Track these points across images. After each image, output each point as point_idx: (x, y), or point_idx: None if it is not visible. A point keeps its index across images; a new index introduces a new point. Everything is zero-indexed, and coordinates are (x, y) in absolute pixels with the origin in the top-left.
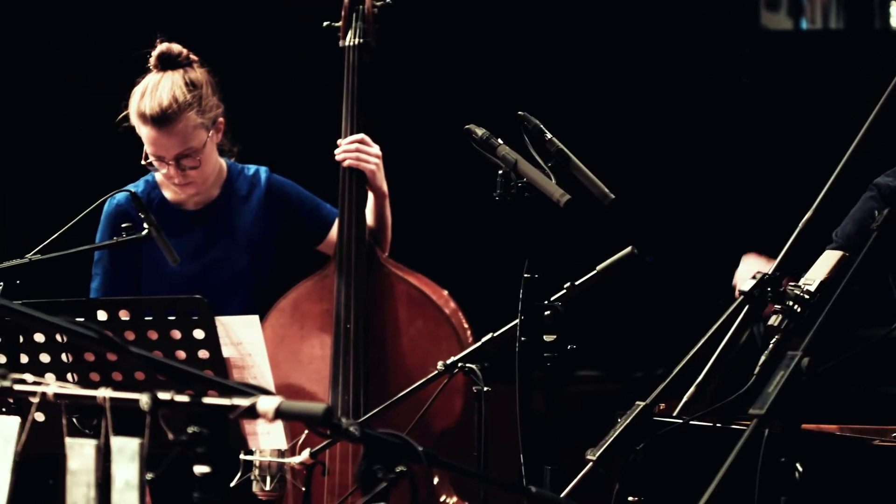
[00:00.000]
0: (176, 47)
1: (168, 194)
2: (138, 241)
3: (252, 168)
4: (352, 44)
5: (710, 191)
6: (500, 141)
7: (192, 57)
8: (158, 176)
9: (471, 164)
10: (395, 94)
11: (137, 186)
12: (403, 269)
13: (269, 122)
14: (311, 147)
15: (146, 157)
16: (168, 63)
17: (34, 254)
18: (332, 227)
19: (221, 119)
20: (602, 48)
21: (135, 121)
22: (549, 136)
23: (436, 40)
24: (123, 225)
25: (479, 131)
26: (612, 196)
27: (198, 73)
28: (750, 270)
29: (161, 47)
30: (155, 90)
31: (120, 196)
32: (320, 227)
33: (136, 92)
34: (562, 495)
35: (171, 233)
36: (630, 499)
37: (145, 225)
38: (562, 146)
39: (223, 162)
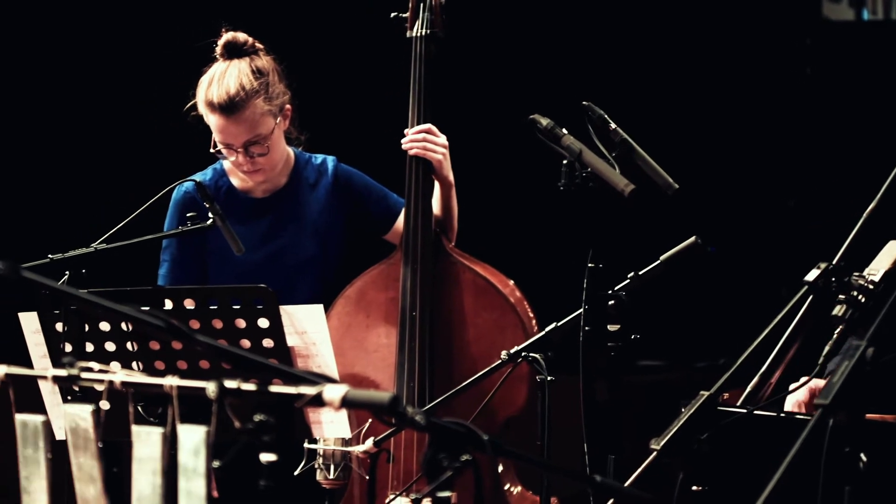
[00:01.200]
0: (242, 36)
1: (236, 182)
2: (203, 230)
3: (320, 157)
4: (419, 34)
5: (773, 181)
6: (564, 131)
7: (258, 45)
8: (226, 164)
9: (535, 154)
10: (461, 84)
11: (206, 174)
12: (470, 258)
13: (338, 113)
14: (379, 137)
15: (214, 145)
16: (234, 51)
17: (100, 243)
18: (398, 217)
19: (289, 106)
20: (665, 38)
21: (203, 109)
22: (613, 125)
23: (500, 29)
24: (188, 214)
25: (544, 121)
26: (676, 186)
27: (264, 61)
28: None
29: (227, 36)
30: (222, 78)
31: (189, 184)
32: (387, 217)
33: (204, 81)
34: (625, 484)
35: (238, 220)
36: (694, 488)
37: (210, 214)
38: (626, 136)
39: (291, 151)
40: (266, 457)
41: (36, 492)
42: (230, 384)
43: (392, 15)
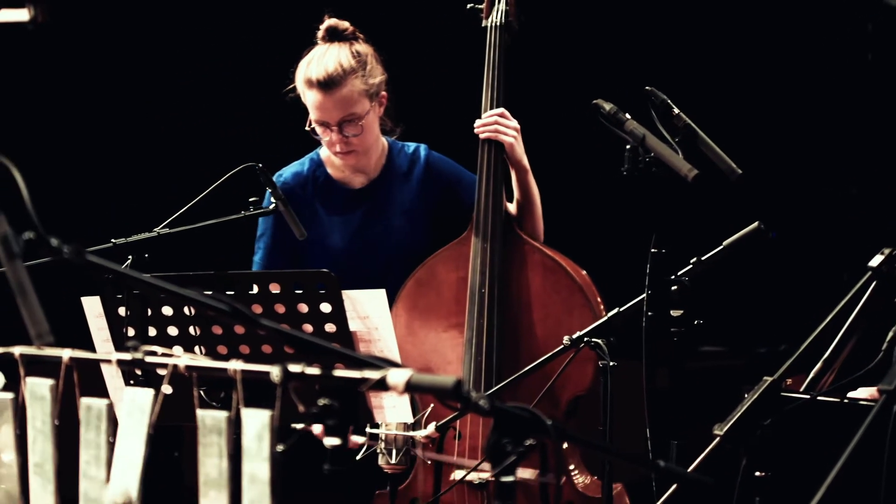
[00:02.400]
0: (343, 23)
1: (332, 172)
2: (266, 214)
3: (412, 146)
4: (494, 24)
5: (835, 167)
6: (627, 116)
7: (359, 34)
8: (323, 153)
9: (598, 139)
10: (527, 70)
11: (303, 164)
12: (541, 243)
13: (414, 101)
14: (453, 125)
15: (310, 124)
16: (335, 36)
17: (162, 227)
18: None
19: (384, 93)
20: (725, 24)
21: (301, 87)
22: (676, 111)
23: (564, 14)
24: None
25: (607, 106)
26: (740, 171)
27: (363, 46)
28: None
29: (329, 21)
30: (322, 57)
31: (287, 175)
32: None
33: (304, 61)
34: (689, 470)
35: (334, 210)
36: (757, 474)
37: (272, 199)
38: (689, 121)
39: (384, 140)
40: (330, 441)
41: (96, 476)
42: (294, 368)
43: (468, 6)
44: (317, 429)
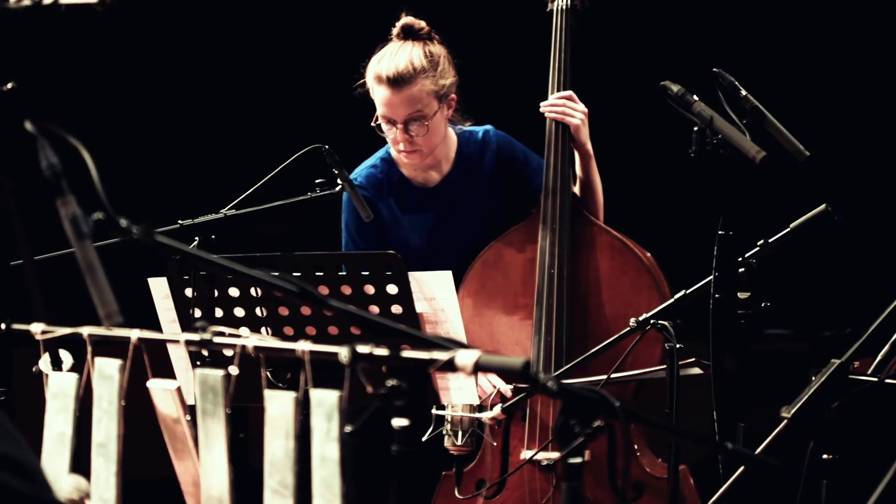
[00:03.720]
0: (420, 22)
1: (406, 171)
2: (332, 196)
3: (479, 131)
4: (560, 7)
5: None
6: (695, 97)
7: (434, 34)
8: (393, 152)
9: (666, 120)
10: (593, 52)
11: (375, 167)
12: (607, 227)
13: (481, 85)
14: (520, 110)
15: (376, 120)
16: (410, 34)
17: (229, 209)
18: None
19: (454, 96)
20: (792, 6)
21: (371, 82)
22: (743, 92)
23: None
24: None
25: (675, 87)
26: (807, 153)
27: (437, 48)
28: None
29: (406, 19)
30: (395, 54)
31: (361, 179)
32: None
33: (376, 57)
34: (756, 452)
35: (410, 210)
36: (824, 456)
37: (339, 180)
38: (756, 103)
39: (452, 132)
40: (398, 422)
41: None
42: (363, 349)
43: None
44: None
